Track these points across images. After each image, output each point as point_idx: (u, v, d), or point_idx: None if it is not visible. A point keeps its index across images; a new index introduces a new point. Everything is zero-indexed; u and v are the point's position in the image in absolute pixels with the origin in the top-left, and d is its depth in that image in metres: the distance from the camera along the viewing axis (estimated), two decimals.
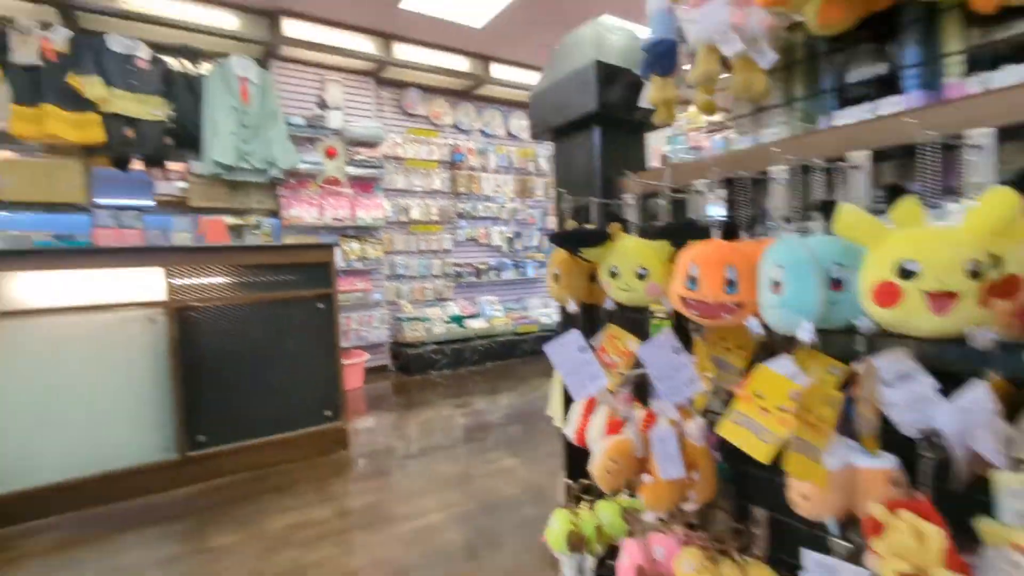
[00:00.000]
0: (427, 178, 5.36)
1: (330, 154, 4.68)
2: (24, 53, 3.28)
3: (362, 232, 4.85)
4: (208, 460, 2.52)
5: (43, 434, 2.22)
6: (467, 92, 5.59)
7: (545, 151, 6.15)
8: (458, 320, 5.32)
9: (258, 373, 2.65)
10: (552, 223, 6.17)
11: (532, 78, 5.56)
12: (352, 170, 4.69)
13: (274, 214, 4.45)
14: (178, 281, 2.46)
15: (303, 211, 4.45)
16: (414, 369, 4.81)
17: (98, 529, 2.18)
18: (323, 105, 4.65)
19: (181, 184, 4.05)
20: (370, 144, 4.82)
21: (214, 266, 2.56)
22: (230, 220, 4.50)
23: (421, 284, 5.38)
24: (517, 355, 5.40)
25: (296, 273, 2.76)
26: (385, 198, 4.96)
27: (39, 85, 3.34)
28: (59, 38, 3.41)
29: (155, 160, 3.85)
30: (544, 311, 5.87)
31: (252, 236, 5.27)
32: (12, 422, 2.16)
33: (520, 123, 6.07)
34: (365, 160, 4.73)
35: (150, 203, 3.97)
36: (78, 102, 3.43)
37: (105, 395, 2.34)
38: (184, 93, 3.86)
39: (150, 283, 2.41)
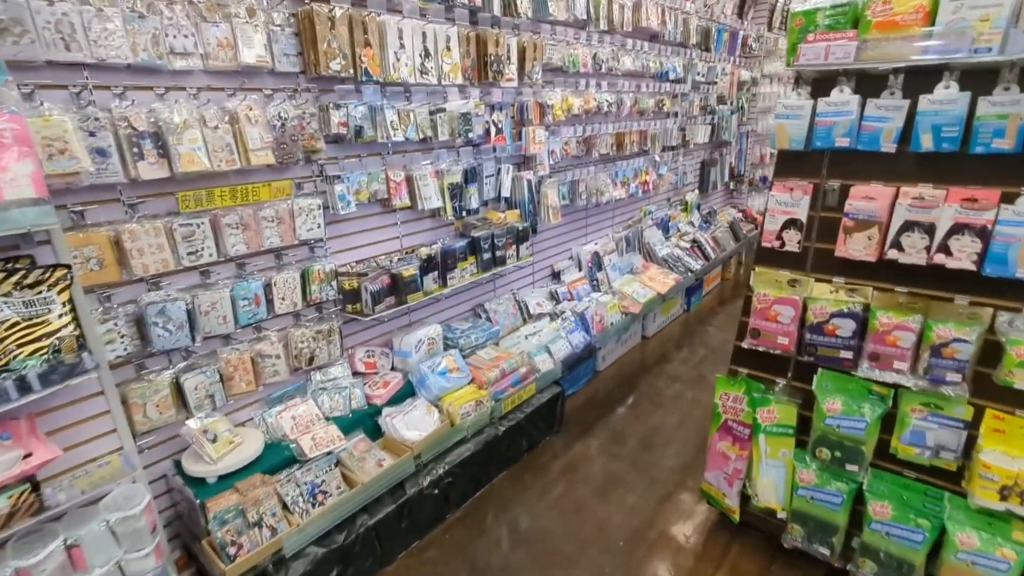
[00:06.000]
0: (219, 28, 1.68)
1: None
2: None
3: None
4: None
5: None
6: None
7: None
8: (365, 418, 2.12)
9: None
10: (540, 139, 2.85)
11: None
12: None
13: None
14: None
15: None
16: None
17: None
18: None
19: None
20: None
21: None
22: None
23: (236, 354, 1.95)
24: (512, 459, 2.46)
25: None
26: (72, 111, 1.29)
27: None
28: None
29: None
30: (538, 339, 2.84)
31: None
32: None
33: None
34: None
35: None
36: None
37: None
38: None
39: None
